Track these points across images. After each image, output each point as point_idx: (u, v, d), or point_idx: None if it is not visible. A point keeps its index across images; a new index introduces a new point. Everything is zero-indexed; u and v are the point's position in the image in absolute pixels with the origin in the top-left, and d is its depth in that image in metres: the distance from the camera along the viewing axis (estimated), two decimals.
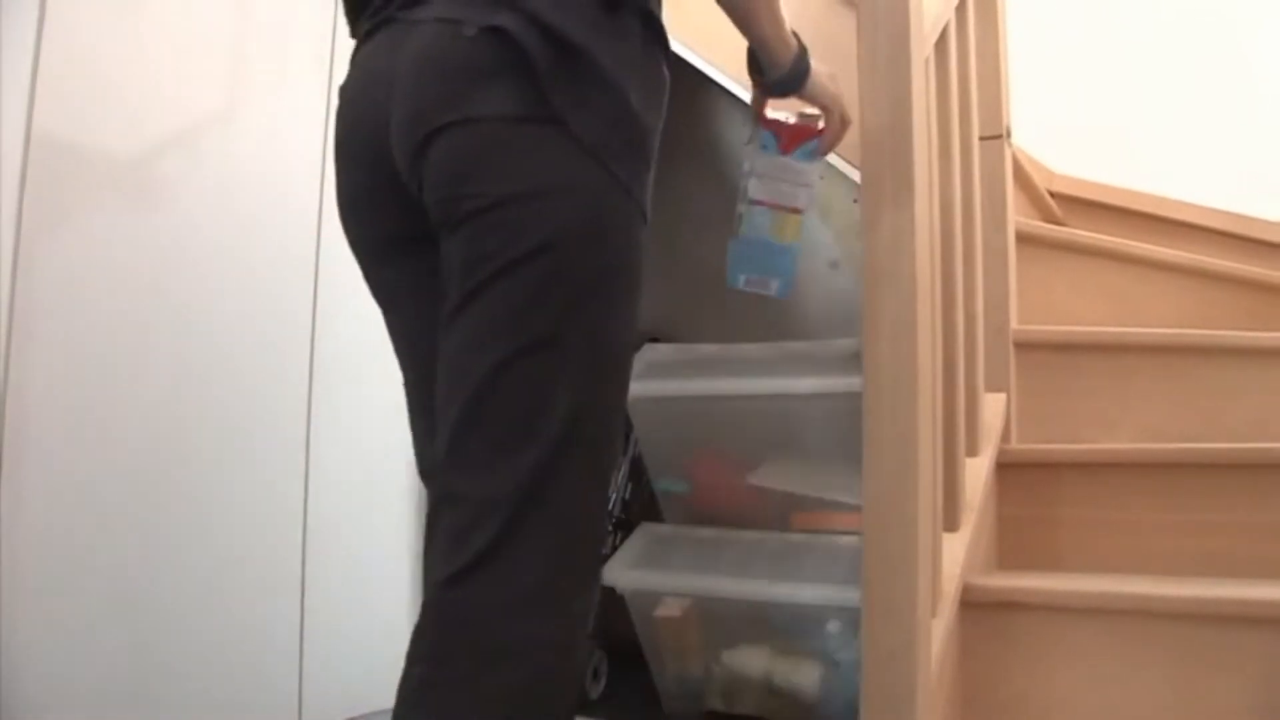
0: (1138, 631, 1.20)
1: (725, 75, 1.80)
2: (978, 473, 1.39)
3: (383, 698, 0.87)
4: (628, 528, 1.69)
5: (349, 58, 0.98)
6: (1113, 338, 1.70)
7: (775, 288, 1.20)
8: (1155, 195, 2.29)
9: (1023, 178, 2.08)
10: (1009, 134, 1.71)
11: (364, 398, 1.71)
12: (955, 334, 1.29)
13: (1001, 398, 1.60)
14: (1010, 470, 1.52)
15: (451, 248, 0.87)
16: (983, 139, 1.53)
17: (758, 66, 1.09)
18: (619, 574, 1.51)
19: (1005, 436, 1.57)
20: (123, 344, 1.40)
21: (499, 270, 0.84)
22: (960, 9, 1.40)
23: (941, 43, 1.27)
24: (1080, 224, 2.25)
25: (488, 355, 0.85)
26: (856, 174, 1.44)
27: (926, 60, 1.17)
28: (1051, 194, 2.29)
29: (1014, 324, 1.67)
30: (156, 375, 1.44)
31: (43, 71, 1.30)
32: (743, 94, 1.73)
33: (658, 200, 0.94)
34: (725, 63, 1.80)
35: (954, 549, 1.23)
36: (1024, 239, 1.79)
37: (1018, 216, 1.83)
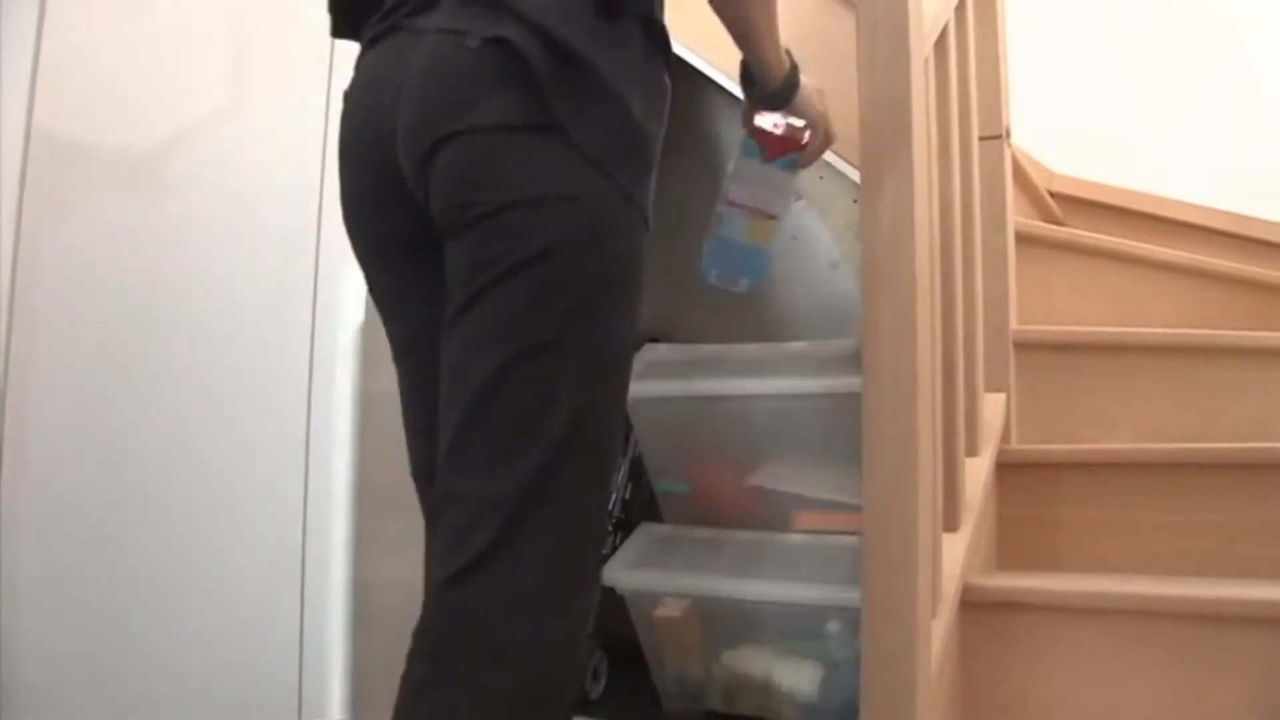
0: (1138, 631, 1.20)
1: (726, 77, 1.80)
2: (978, 473, 1.39)
3: (382, 698, 0.87)
4: (628, 528, 1.69)
5: (352, 59, 0.98)
6: (1113, 338, 1.70)
7: (745, 285, 1.25)
8: (1155, 195, 2.29)
9: (1022, 178, 2.08)
10: (1009, 134, 1.71)
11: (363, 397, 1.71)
12: (955, 334, 1.29)
13: (1001, 398, 1.60)
14: (1010, 470, 1.52)
15: (456, 253, 0.89)
16: (982, 139, 1.53)
17: (750, 79, 1.14)
18: (619, 574, 1.51)
19: (1005, 436, 1.57)
20: (122, 341, 1.40)
21: (502, 275, 0.85)
22: (960, 9, 1.40)
23: (941, 43, 1.27)
24: (1080, 224, 2.25)
25: (490, 358, 0.86)
26: (856, 174, 1.43)
27: (926, 60, 1.17)
28: (1051, 194, 2.29)
29: (1014, 324, 1.67)
30: (156, 372, 1.44)
31: (43, 69, 1.30)
32: (742, 96, 1.73)
33: (659, 200, 0.95)
34: (726, 65, 1.79)
35: (954, 549, 1.23)
36: (1024, 239, 1.79)
37: (1018, 216, 1.83)
